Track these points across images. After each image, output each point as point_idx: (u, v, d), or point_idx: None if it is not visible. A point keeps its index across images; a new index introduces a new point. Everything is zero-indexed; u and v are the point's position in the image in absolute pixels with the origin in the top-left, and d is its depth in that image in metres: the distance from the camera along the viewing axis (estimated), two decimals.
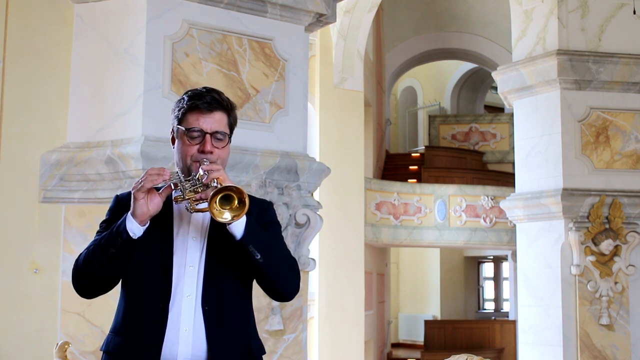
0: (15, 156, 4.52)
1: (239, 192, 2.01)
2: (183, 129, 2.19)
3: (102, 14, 4.62)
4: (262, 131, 4.74)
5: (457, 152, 15.63)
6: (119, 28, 4.56)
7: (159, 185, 2.11)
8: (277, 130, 4.81)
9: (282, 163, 4.73)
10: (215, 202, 2.00)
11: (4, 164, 4.49)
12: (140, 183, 2.07)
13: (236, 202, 2.01)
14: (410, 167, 14.58)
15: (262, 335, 4.61)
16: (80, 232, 4.48)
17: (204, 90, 2.23)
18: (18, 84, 4.55)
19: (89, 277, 2.16)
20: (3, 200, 4.48)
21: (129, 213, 2.09)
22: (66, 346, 3.61)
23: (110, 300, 2.38)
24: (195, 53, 4.57)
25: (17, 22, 4.57)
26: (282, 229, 4.72)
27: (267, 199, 4.65)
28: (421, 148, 16.65)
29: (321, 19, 5.12)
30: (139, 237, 2.09)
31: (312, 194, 5.01)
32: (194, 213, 2.14)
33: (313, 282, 9.23)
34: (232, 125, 2.25)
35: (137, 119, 4.38)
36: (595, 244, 7.29)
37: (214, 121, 2.19)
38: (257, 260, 2.11)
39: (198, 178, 2.08)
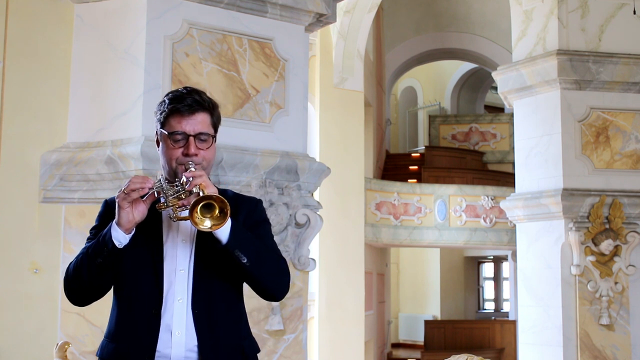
0: (15, 156, 4.52)
1: (220, 201, 1.99)
2: (166, 132, 2.18)
3: (102, 14, 4.62)
4: (262, 131, 4.74)
5: (457, 152, 15.62)
6: (119, 28, 4.56)
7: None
8: (277, 130, 4.81)
9: (282, 163, 4.73)
10: (197, 211, 1.98)
11: (4, 164, 4.48)
12: (126, 193, 2.06)
13: (217, 211, 2.00)
14: (410, 167, 14.57)
15: (262, 335, 4.62)
16: (80, 232, 4.47)
17: (185, 91, 2.21)
18: (18, 84, 4.55)
19: (79, 286, 2.17)
20: (3, 200, 4.48)
21: (114, 222, 2.09)
22: (66, 346, 3.61)
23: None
24: (195, 53, 4.57)
25: (17, 22, 4.57)
26: (282, 229, 4.75)
27: (267, 199, 4.65)
28: (421, 148, 16.65)
29: (321, 19, 5.12)
30: (125, 246, 2.10)
31: (312, 194, 5.01)
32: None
33: (313, 282, 9.22)
34: (215, 124, 2.24)
35: (137, 119, 4.38)
36: (595, 244, 7.29)
37: (197, 123, 2.17)
38: (244, 264, 2.11)
39: (182, 184, 2.06)
